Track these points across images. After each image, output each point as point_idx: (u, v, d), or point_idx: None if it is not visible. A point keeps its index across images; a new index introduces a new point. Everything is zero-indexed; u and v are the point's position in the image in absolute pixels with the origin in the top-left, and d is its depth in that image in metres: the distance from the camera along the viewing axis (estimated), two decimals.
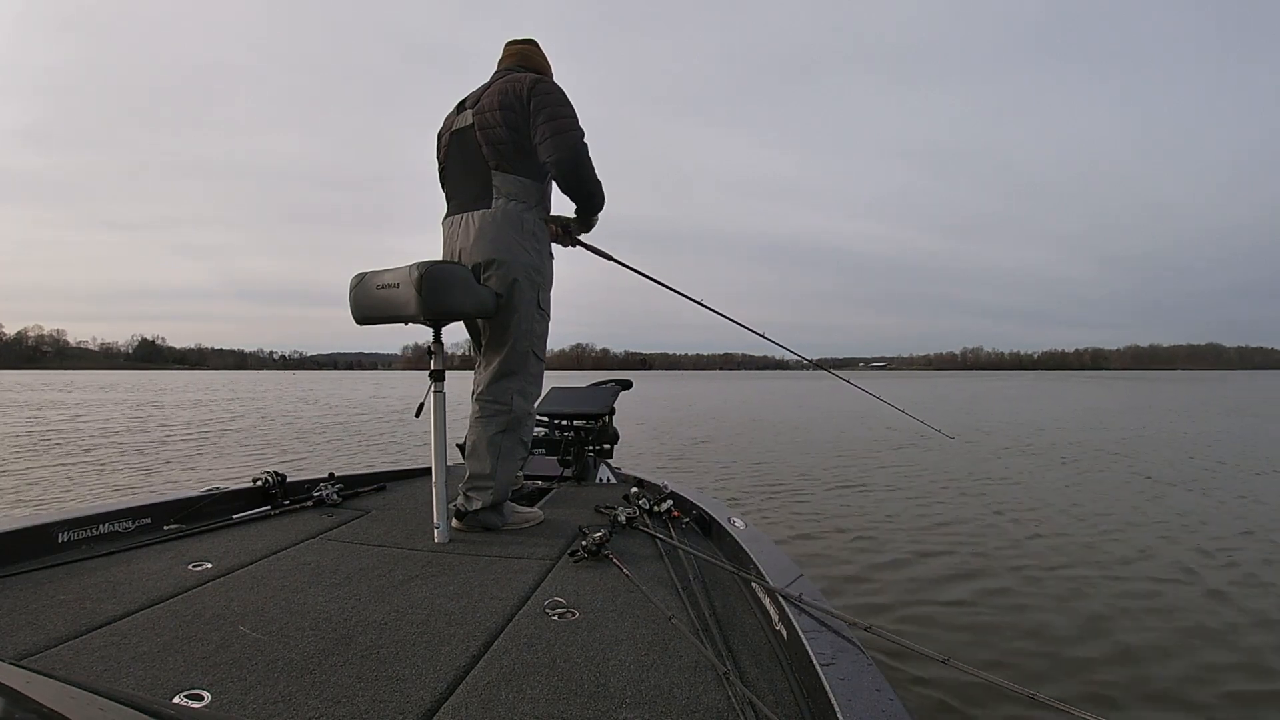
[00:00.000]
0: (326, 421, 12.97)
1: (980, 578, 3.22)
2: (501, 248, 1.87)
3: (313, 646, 1.08)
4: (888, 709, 0.79)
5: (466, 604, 1.29)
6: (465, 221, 1.92)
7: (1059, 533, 4.10)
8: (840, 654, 0.94)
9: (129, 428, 11.38)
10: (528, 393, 1.97)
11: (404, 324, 1.82)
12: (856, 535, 4.05)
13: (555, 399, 3.00)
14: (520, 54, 2.03)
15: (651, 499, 2.03)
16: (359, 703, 0.90)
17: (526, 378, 1.96)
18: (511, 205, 1.89)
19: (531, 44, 2.06)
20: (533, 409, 2.01)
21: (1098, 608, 2.80)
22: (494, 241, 1.87)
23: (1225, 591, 2.99)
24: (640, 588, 1.36)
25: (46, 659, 1.02)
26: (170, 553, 1.60)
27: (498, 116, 1.86)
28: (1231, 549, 3.68)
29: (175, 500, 1.89)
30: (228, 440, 9.65)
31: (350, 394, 27.62)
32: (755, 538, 1.59)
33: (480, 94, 1.95)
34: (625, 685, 0.97)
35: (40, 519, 1.59)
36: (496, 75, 2.00)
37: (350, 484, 2.34)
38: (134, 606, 1.24)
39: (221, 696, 0.91)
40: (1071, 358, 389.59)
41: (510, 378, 1.93)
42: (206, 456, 7.77)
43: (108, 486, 5.76)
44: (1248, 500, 5.09)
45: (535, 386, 2.00)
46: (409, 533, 1.84)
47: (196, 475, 6.37)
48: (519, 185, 1.90)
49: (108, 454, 7.89)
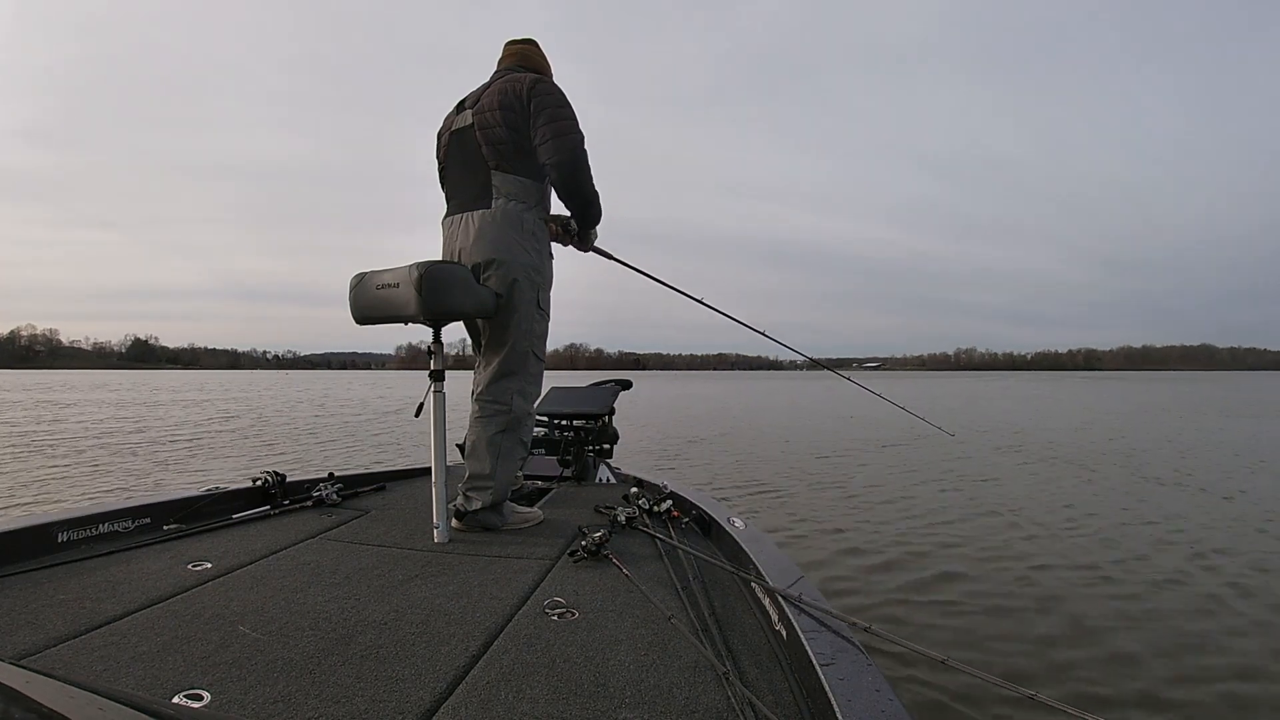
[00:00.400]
0: (320, 422, 12.94)
1: (981, 578, 3.22)
2: (501, 248, 1.87)
3: (312, 646, 1.08)
4: (887, 709, 0.79)
5: (466, 604, 1.29)
6: (465, 221, 1.92)
7: (1059, 532, 4.11)
8: (840, 654, 0.94)
9: (122, 429, 11.36)
10: (527, 393, 1.97)
11: (404, 324, 1.82)
12: (855, 535, 4.05)
13: (555, 399, 3.00)
14: (520, 54, 2.03)
15: (651, 499, 2.03)
16: (358, 702, 0.90)
17: (526, 378, 1.96)
18: (511, 205, 1.89)
19: (531, 44, 2.06)
20: (533, 409, 2.01)
21: (1098, 608, 2.81)
22: (494, 241, 1.87)
23: (1219, 594, 3.00)
24: (640, 588, 1.36)
25: (46, 659, 1.02)
26: (170, 552, 1.60)
27: (497, 116, 1.86)
28: (1225, 550, 3.69)
29: (175, 500, 1.89)
30: (221, 441, 9.65)
31: (346, 394, 27.66)
32: (755, 538, 1.59)
33: (480, 94, 1.95)
34: (625, 685, 0.97)
35: (40, 518, 1.59)
36: (496, 75, 2.00)
37: (350, 484, 2.34)
38: (133, 606, 1.24)
39: (221, 696, 0.91)
40: (1065, 358, 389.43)
41: (510, 377, 1.94)
42: (199, 459, 7.73)
43: (99, 490, 5.73)
44: (1244, 501, 5.10)
45: (535, 386, 2.00)
46: (409, 533, 1.84)
47: (190, 478, 6.36)
48: (519, 185, 1.90)
49: (100, 454, 7.87)
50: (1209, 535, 4.01)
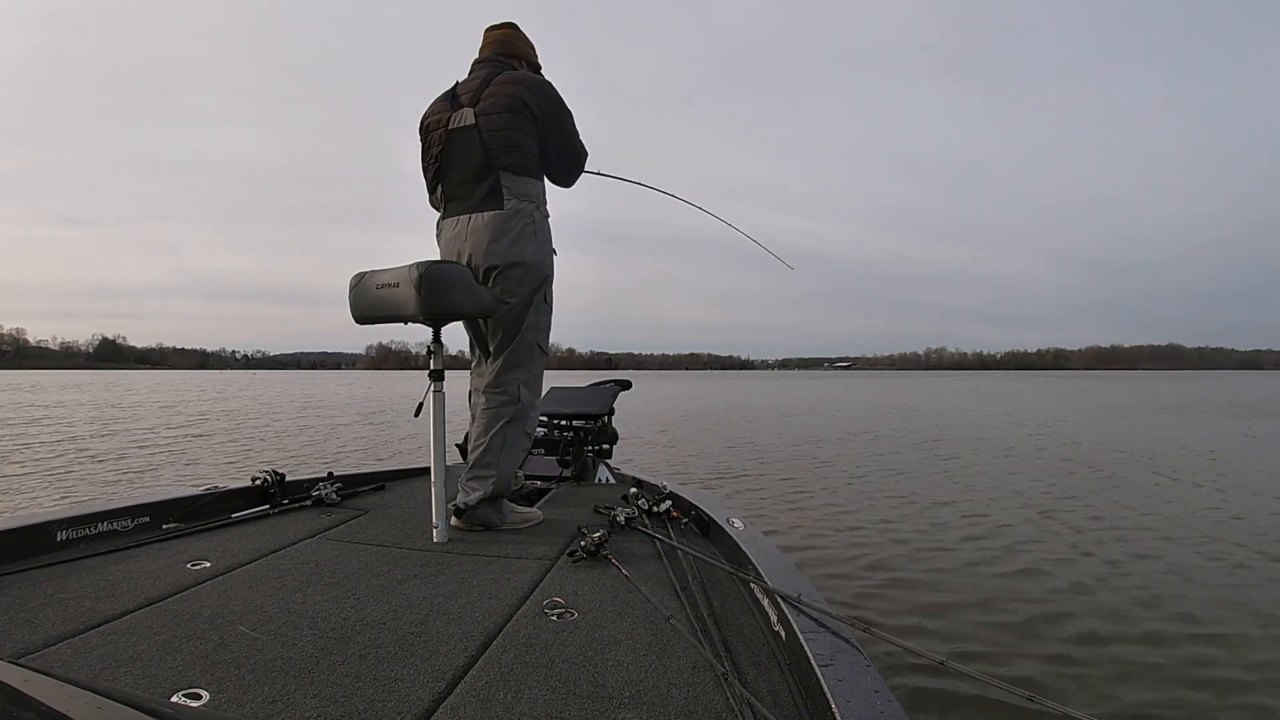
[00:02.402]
0: (301, 425, 12.88)
1: (981, 578, 3.22)
2: (523, 250, 1.89)
3: (311, 646, 1.08)
4: (886, 710, 0.79)
5: (465, 604, 1.29)
6: (474, 222, 1.89)
7: (1060, 532, 4.11)
8: (839, 655, 0.93)
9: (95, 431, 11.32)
10: (533, 385, 1.99)
11: (404, 324, 1.82)
12: (854, 535, 4.05)
13: (554, 399, 3.00)
14: (501, 41, 2.01)
15: (650, 499, 2.03)
16: (357, 702, 0.90)
17: (532, 369, 1.98)
18: (525, 206, 1.90)
19: (512, 28, 2.04)
20: (537, 401, 2.03)
21: (1097, 608, 2.81)
22: (514, 242, 1.88)
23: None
24: (639, 588, 1.36)
25: (44, 657, 1.02)
26: (169, 551, 1.59)
27: (507, 120, 1.86)
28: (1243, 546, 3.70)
29: (174, 499, 1.89)
30: (197, 449, 9.62)
31: (330, 393, 27.28)
32: (754, 538, 1.59)
33: (479, 90, 1.91)
34: (623, 686, 0.97)
35: (39, 517, 1.59)
36: (483, 65, 1.98)
37: (349, 483, 2.33)
38: (132, 605, 1.24)
39: (220, 695, 0.91)
40: (1034, 358, 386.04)
41: (517, 369, 1.96)
42: (175, 467, 7.38)
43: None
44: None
45: (539, 379, 2.02)
46: (408, 532, 1.84)
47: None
48: (530, 186, 1.92)
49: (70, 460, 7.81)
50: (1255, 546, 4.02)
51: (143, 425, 11.75)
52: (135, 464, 7.11)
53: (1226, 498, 5.28)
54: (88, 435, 9.90)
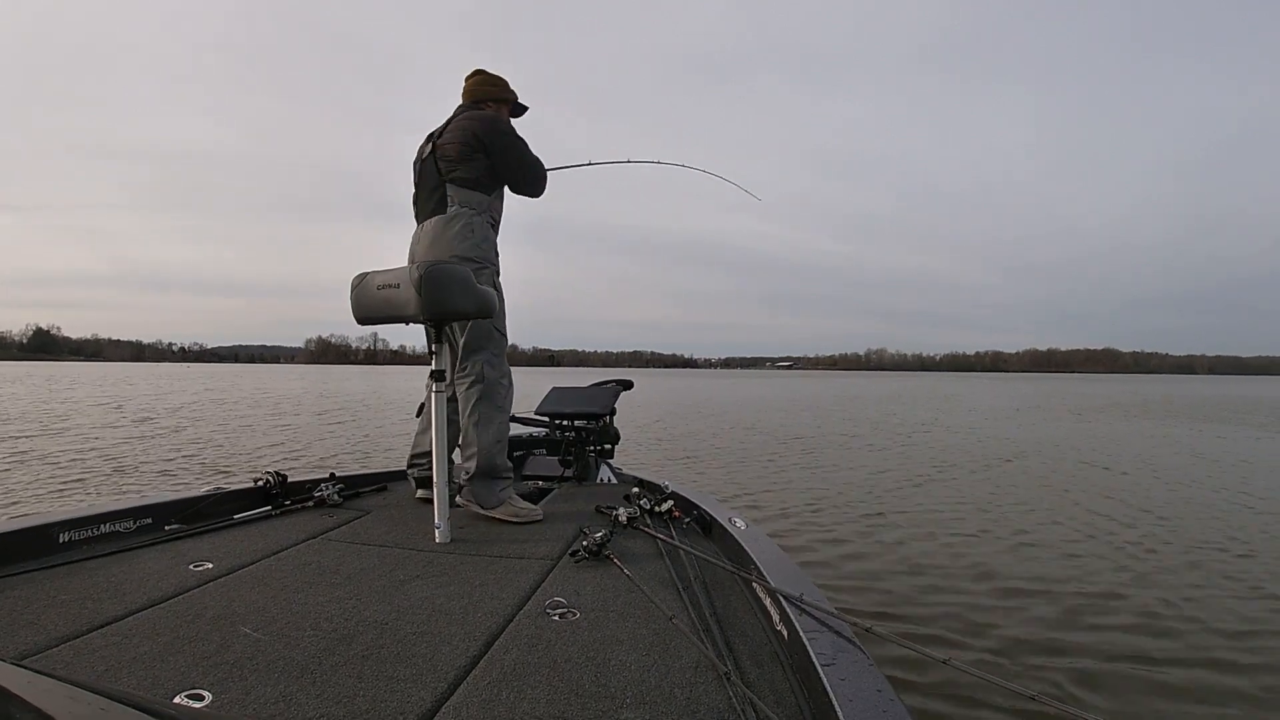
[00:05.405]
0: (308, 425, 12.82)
1: (981, 578, 3.21)
2: (456, 244, 2.07)
3: (313, 646, 1.08)
4: (888, 709, 0.79)
5: (467, 604, 1.29)
6: (424, 228, 2.15)
7: (1060, 531, 4.10)
8: (841, 654, 0.93)
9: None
10: (495, 363, 2.14)
11: (404, 324, 1.83)
12: (854, 535, 4.05)
13: (556, 399, 3.00)
14: (468, 90, 2.30)
15: (652, 499, 2.03)
16: (359, 703, 0.90)
17: (493, 350, 2.14)
18: (464, 210, 2.11)
19: (478, 74, 2.32)
20: (504, 379, 2.16)
21: (1099, 609, 2.80)
22: (453, 239, 2.07)
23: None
24: (641, 588, 1.36)
25: (47, 659, 1.02)
26: (171, 553, 1.60)
27: (456, 148, 2.12)
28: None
29: (176, 500, 1.89)
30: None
31: (290, 388, 24.02)
32: (756, 538, 1.59)
33: (444, 129, 2.21)
34: (626, 685, 0.97)
35: (41, 519, 1.59)
36: (459, 109, 2.27)
37: (351, 484, 2.34)
38: (135, 606, 1.24)
39: (222, 696, 0.91)
40: (973, 360, 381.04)
41: (479, 352, 2.11)
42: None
43: None
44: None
45: (501, 358, 2.17)
46: (410, 533, 1.84)
47: None
48: (474, 197, 2.13)
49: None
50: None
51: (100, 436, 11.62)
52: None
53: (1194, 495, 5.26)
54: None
